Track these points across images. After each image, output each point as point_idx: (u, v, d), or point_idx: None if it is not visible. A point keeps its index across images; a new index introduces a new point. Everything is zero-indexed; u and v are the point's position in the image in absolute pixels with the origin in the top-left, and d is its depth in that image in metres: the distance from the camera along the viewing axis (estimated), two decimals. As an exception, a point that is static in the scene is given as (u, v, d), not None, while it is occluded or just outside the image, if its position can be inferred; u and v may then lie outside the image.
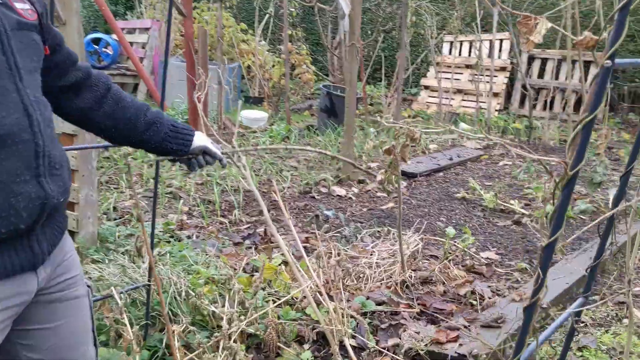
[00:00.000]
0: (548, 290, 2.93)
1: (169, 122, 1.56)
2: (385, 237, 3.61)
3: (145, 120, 1.50)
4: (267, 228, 3.82)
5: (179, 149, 1.58)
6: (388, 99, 8.11)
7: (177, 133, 1.57)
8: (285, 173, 5.10)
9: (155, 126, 1.51)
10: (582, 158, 1.33)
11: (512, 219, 4.25)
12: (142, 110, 1.51)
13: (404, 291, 3.03)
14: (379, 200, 4.64)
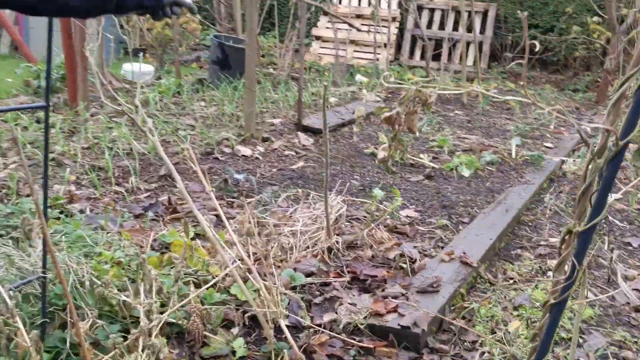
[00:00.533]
0: (476, 249, 2.88)
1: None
2: (305, 200, 3.37)
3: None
4: (170, 196, 3.45)
5: (152, 4, 1.53)
6: (283, 50, 7.76)
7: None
8: (182, 132, 4.68)
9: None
10: (635, 125, 1.14)
11: (423, 174, 4.19)
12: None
13: (332, 259, 2.83)
14: (287, 160, 4.39)
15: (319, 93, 6.41)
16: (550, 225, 3.41)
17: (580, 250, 1.22)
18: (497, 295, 2.60)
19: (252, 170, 4.07)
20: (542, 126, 5.77)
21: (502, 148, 4.78)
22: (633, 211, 3.66)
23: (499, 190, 3.88)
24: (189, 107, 5.53)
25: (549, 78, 9.60)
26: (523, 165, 4.42)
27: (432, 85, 2.32)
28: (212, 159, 4.27)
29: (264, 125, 5.16)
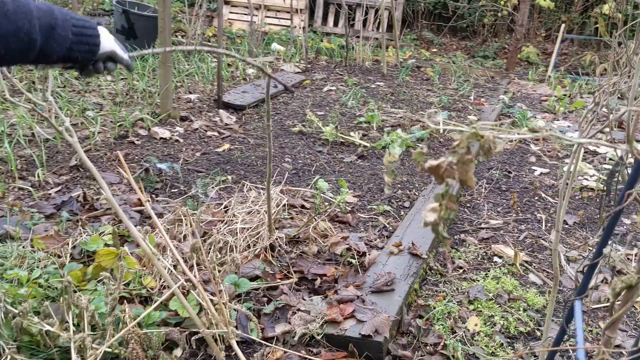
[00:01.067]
0: (423, 239, 2.77)
1: (67, 20, 1.17)
2: (239, 190, 3.12)
3: (40, 27, 1.11)
4: (85, 190, 3.08)
5: (85, 57, 1.24)
6: (193, 17, 7.26)
7: (81, 36, 1.21)
8: (90, 113, 4.23)
9: (55, 33, 1.14)
10: None
11: (355, 153, 4.04)
12: (29, 13, 1.09)
13: (275, 257, 2.63)
14: (211, 142, 4.08)
15: (236, 64, 6.06)
16: (487, 206, 3.38)
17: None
18: (450, 288, 2.52)
19: (173, 156, 3.74)
20: (462, 97, 5.79)
21: (429, 123, 4.71)
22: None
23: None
24: (94, 82, 5.03)
25: (459, 45, 9.73)
26: (451, 141, 4.38)
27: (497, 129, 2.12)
28: (127, 143, 3.88)
29: (180, 102, 4.79)
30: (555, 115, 5.49)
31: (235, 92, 5.10)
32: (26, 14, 1.07)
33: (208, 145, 4.00)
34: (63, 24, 1.15)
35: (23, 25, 1.06)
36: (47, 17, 1.12)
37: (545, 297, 2.50)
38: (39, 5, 1.13)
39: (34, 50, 1.10)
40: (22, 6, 1.07)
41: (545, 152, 4.40)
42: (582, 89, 6.59)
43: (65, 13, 1.18)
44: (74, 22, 1.19)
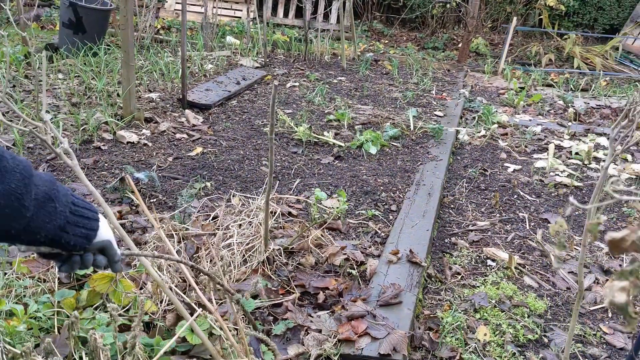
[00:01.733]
0: (419, 245, 2.75)
1: (68, 196, 1.04)
2: (224, 199, 2.99)
3: (37, 195, 0.95)
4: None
5: (78, 243, 1.07)
6: (143, 9, 6.95)
7: (79, 217, 1.06)
8: (47, 115, 3.95)
9: (51, 206, 0.98)
10: None
11: (332, 154, 3.97)
12: (28, 177, 0.93)
13: (273, 271, 2.54)
14: (182, 145, 3.91)
15: (193, 59, 5.85)
16: (471, 206, 3.40)
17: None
18: (452, 296, 2.51)
19: (145, 162, 3.56)
20: (424, 92, 5.82)
21: (399, 120, 4.70)
22: (536, 182, 3.78)
23: (412, 169, 3.79)
24: (45, 81, 4.71)
25: (409, 36, 9.79)
26: (424, 139, 4.39)
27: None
28: (93, 149, 3.66)
29: (141, 102, 4.57)
30: (515, 108, 5.59)
31: (198, 91, 4.91)
32: (24, 177, 0.92)
33: (179, 149, 3.83)
34: (63, 199, 1.01)
35: (17, 187, 0.90)
36: (47, 186, 0.98)
37: (545, 300, 2.52)
38: (40, 174, 0.99)
39: (20, 221, 0.93)
40: (21, 167, 0.92)
41: (513, 147, 4.47)
42: (536, 81, 6.76)
43: (66, 189, 1.04)
44: (74, 200, 1.06)
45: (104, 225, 1.14)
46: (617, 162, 4.32)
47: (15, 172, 0.90)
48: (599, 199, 1.76)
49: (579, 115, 5.45)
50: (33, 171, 0.95)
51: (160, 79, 5.18)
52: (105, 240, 1.14)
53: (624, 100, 6.28)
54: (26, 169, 0.92)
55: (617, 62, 8.73)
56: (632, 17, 9.34)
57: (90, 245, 1.10)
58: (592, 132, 4.98)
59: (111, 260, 1.17)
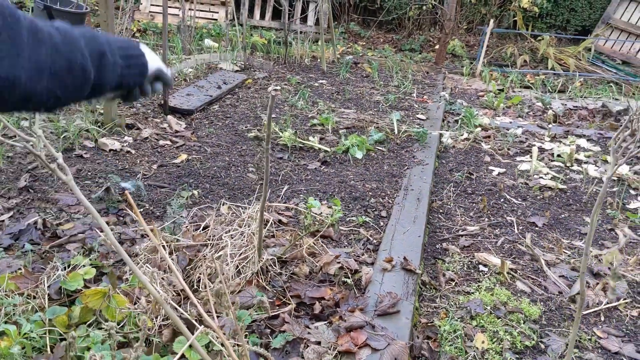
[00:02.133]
0: (412, 251, 2.74)
1: (112, 43, 1.02)
2: (213, 208, 2.95)
3: (91, 55, 0.95)
4: (44, 217, 2.80)
5: (137, 82, 1.12)
6: (119, 11, 6.83)
7: (130, 58, 1.08)
8: (25, 123, 3.85)
9: (106, 60, 0.99)
10: None
11: (318, 159, 3.95)
12: (76, 41, 0.92)
13: (268, 281, 2.51)
14: (166, 152, 3.84)
15: (171, 62, 5.76)
16: (459, 211, 3.41)
17: None
18: (448, 303, 2.51)
19: (129, 170, 3.49)
20: (406, 95, 5.83)
21: (383, 124, 4.70)
22: (522, 185, 3.81)
23: (399, 174, 3.79)
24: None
25: (386, 38, 9.83)
26: (409, 142, 4.40)
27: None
28: (75, 157, 3.58)
29: (122, 108, 4.48)
30: (495, 111, 5.64)
31: (179, 95, 4.84)
32: (75, 44, 0.92)
33: (163, 156, 3.77)
34: (110, 49, 1.01)
35: (75, 58, 0.91)
36: (94, 43, 0.98)
37: (538, 305, 2.54)
38: (82, 31, 0.97)
39: (88, 85, 0.96)
40: (69, 35, 0.92)
41: (497, 150, 4.51)
42: (513, 83, 6.83)
43: (107, 36, 1.04)
44: (119, 44, 1.06)
45: (149, 54, 1.16)
46: (597, 163, 4.39)
47: (67, 44, 0.89)
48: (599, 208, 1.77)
49: (558, 117, 5.53)
50: (77, 33, 0.93)
51: (139, 83, 5.09)
52: (156, 68, 1.17)
53: (599, 102, 6.39)
54: (72, 35, 0.91)
55: (589, 62, 8.89)
56: (603, 19, 9.52)
57: (146, 78, 1.15)
58: (572, 133, 5.05)
59: (166, 84, 1.24)
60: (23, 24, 0.82)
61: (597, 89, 6.97)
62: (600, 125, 5.45)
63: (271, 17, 9.45)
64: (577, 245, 3.11)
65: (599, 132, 5.16)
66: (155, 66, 1.17)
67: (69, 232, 2.73)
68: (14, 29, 0.80)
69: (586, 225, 3.34)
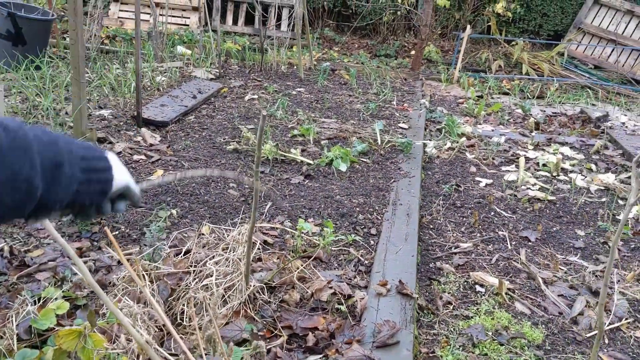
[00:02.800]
0: (407, 273, 2.61)
1: (73, 152, 0.84)
2: (189, 226, 2.77)
3: (43, 165, 0.77)
4: (11, 244, 2.58)
5: (94, 201, 0.92)
6: (87, 17, 6.57)
7: (92, 172, 0.89)
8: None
9: (60, 173, 0.81)
10: None
11: (301, 173, 3.80)
12: (28, 147, 0.75)
13: (256, 311, 2.34)
14: (140, 167, 3.64)
15: (144, 71, 5.54)
16: (450, 226, 3.29)
17: None
18: (447, 329, 2.38)
19: (102, 188, 3.28)
20: (386, 103, 5.72)
21: (365, 134, 4.57)
22: (510, 197, 3.72)
23: (386, 187, 3.66)
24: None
25: (361, 43, 9.72)
26: (393, 153, 4.27)
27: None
28: (43, 175, 3.35)
29: (92, 121, 4.26)
30: (476, 118, 5.57)
31: (153, 106, 4.64)
32: (25, 150, 0.74)
33: (138, 172, 3.57)
34: (69, 159, 0.83)
35: (22, 168, 0.73)
36: (51, 150, 0.80)
37: (540, 328, 2.43)
38: (38, 134, 0.79)
39: (32, 202, 0.77)
40: (19, 139, 0.74)
41: (481, 159, 4.42)
42: (492, 89, 6.79)
43: (69, 141, 0.85)
44: (81, 152, 0.87)
45: (117, 167, 0.96)
46: (582, 172, 4.34)
47: (14, 149, 0.72)
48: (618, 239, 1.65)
49: (539, 124, 5.48)
50: (30, 137, 0.76)
51: (111, 94, 4.87)
52: (123, 186, 0.99)
53: (577, 107, 6.38)
54: (23, 139, 0.74)
55: (563, 67, 8.93)
56: (575, 24, 9.59)
57: (107, 196, 0.95)
58: (554, 141, 5.00)
59: (132, 203, 1.05)
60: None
61: (573, 94, 6.98)
62: (580, 131, 5.43)
63: (244, 22, 9.27)
64: (573, 261, 3.02)
65: (581, 139, 5.12)
66: (122, 183, 0.98)
67: (38, 259, 2.52)
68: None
69: (579, 239, 3.26)
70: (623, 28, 9.27)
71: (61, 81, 4.72)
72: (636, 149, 4.76)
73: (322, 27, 9.78)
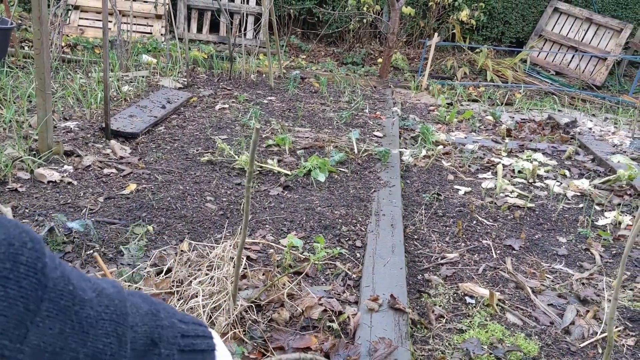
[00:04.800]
0: (397, 286, 2.54)
1: (174, 327, 0.67)
2: (171, 246, 2.64)
3: (134, 343, 0.61)
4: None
5: None
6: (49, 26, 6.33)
7: (190, 353, 0.69)
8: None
9: (154, 354, 0.64)
10: None
11: (279, 184, 3.71)
12: (122, 321, 0.59)
13: (244, 331, 2.24)
14: (111, 182, 3.49)
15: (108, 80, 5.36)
16: (434, 236, 3.25)
17: None
18: (442, 344, 2.32)
19: (72, 204, 3.12)
20: (358, 111, 5.68)
21: (342, 143, 4.51)
22: (490, 205, 3.71)
23: (367, 197, 3.60)
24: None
25: (327, 51, 9.69)
26: (370, 162, 4.22)
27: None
28: (9, 191, 3.17)
29: (58, 133, 4.08)
30: (448, 126, 5.58)
31: (121, 117, 4.47)
32: (117, 324, 0.59)
33: (109, 186, 3.41)
34: (169, 334, 0.67)
35: (106, 347, 0.57)
36: (148, 325, 0.64)
37: (534, 340, 2.40)
38: (137, 302, 0.64)
39: None
40: (112, 306, 0.59)
41: (458, 167, 4.41)
42: (461, 97, 6.83)
43: (171, 312, 0.70)
44: (181, 328, 0.70)
45: (220, 348, 0.78)
46: (557, 178, 4.37)
47: (104, 319, 0.57)
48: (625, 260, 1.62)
49: (510, 130, 5.52)
50: (127, 303, 0.61)
51: (76, 105, 4.68)
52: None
53: (545, 114, 6.47)
54: (119, 306, 0.59)
55: (526, 74, 9.09)
56: (535, 31, 9.79)
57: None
58: (527, 147, 5.04)
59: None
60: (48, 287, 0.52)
61: (539, 100, 7.08)
62: (551, 138, 5.49)
63: (209, 30, 9.13)
64: (558, 269, 3.01)
65: (552, 145, 5.18)
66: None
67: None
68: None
69: (562, 246, 3.26)
70: (582, 35, 9.50)
71: (23, 92, 4.51)
72: (606, 154, 4.83)
73: (289, 35, 9.72)
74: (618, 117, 6.61)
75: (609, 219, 3.62)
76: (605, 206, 3.86)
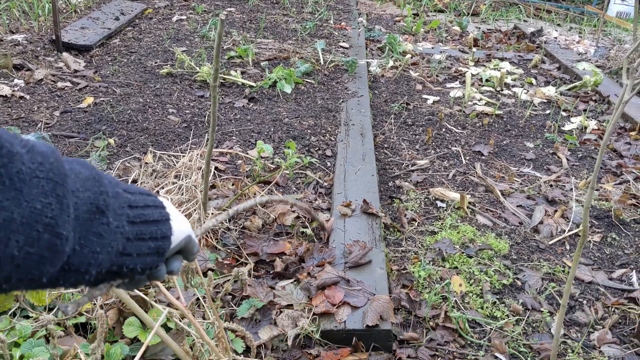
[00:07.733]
0: (369, 193, 2.52)
1: (119, 197, 0.59)
2: (133, 157, 2.54)
3: (77, 210, 0.52)
4: None
5: (147, 265, 0.64)
6: None
7: (142, 225, 0.62)
8: None
9: (101, 223, 0.56)
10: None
11: (244, 96, 3.58)
12: (60, 181, 0.50)
13: (217, 239, 2.20)
14: (67, 95, 3.31)
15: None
16: (404, 144, 3.22)
17: None
18: (415, 245, 2.33)
19: (27, 119, 2.96)
20: (322, 21, 5.48)
21: (307, 54, 4.36)
22: (459, 114, 3.68)
23: (335, 108, 3.52)
24: None
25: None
26: (337, 73, 4.11)
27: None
28: (-46, 107, 2.98)
29: (5, 46, 3.81)
30: (415, 36, 5.46)
31: (72, 30, 4.20)
32: (55, 184, 0.50)
33: (65, 100, 3.24)
34: (115, 203, 0.59)
35: (45, 207, 0.49)
36: (91, 190, 0.56)
37: (504, 239, 2.43)
38: (75, 166, 0.56)
39: (56, 261, 0.51)
40: (48, 166, 0.50)
41: (426, 77, 4.34)
42: (427, 7, 6.66)
43: (114, 182, 0.61)
44: (130, 198, 0.62)
45: (175, 216, 0.70)
46: (524, 86, 4.35)
47: (39, 177, 0.48)
48: (602, 155, 1.60)
49: (477, 40, 5.44)
50: (64, 166, 0.52)
51: (22, 17, 4.37)
52: (183, 240, 0.72)
53: (510, 24, 6.38)
54: (55, 165, 0.51)
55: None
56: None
57: (164, 257, 0.68)
58: (494, 57, 4.98)
59: (187, 257, 0.76)
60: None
61: (505, 11, 6.97)
62: (517, 47, 5.43)
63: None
64: (526, 172, 3.03)
65: (518, 54, 5.13)
66: (182, 236, 0.71)
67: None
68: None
69: (529, 151, 3.27)
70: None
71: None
72: (572, 62, 4.82)
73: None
74: (582, 26, 6.58)
75: (575, 124, 3.65)
76: (571, 112, 3.88)
